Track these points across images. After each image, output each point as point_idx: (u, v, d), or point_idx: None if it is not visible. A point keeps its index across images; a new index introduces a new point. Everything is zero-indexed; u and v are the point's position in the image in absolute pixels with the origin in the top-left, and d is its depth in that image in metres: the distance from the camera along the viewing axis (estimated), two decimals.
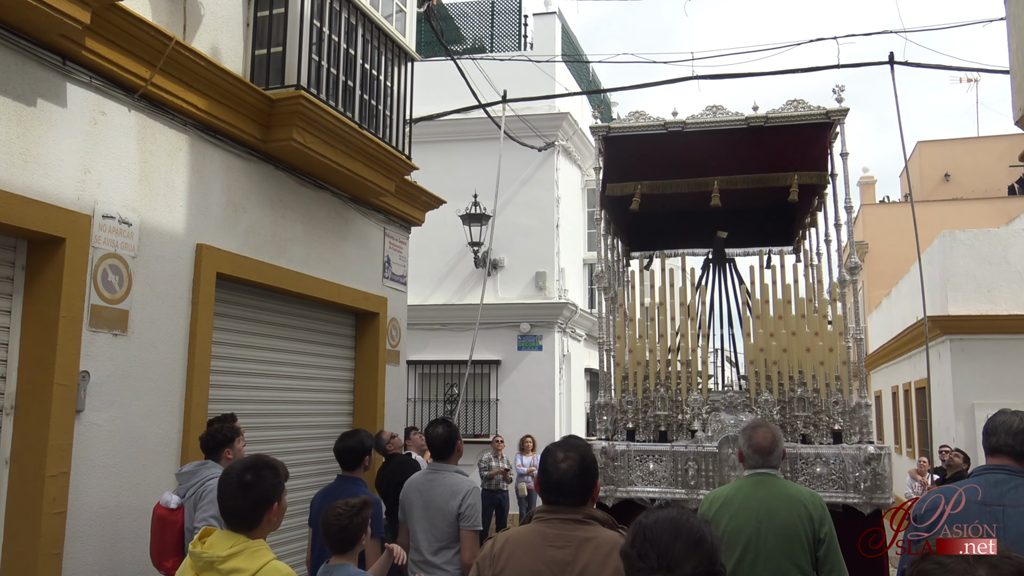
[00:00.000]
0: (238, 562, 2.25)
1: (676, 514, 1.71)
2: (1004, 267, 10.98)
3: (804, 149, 5.57)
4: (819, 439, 5.15)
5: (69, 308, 4.06)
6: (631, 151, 5.87)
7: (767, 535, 3.16)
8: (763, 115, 5.62)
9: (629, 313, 5.77)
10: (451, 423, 4.42)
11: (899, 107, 10.98)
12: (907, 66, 8.49)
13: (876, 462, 4.89)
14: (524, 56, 12.29)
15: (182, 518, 4.07)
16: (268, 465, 2.41)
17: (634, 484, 5.26)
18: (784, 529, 3.16)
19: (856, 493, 4.87)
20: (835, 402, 5.20)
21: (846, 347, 5.44)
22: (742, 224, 6.92)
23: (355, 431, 4.71)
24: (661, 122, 5.75)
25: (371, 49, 6.37)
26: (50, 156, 4.05)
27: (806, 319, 5.48)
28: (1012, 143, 21.14)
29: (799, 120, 5.57)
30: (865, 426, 5.16)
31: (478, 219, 12.25)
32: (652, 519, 1.69)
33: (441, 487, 4.14)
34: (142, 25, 4.36)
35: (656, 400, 5.48)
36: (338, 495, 4.22)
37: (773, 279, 5.77)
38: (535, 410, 12.39)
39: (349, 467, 4.54)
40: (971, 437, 10.55)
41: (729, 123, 5.67)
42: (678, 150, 5.76)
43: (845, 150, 5.56)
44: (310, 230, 6.27)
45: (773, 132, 5.61)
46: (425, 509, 4.14)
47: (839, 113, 5.51)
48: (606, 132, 5.92)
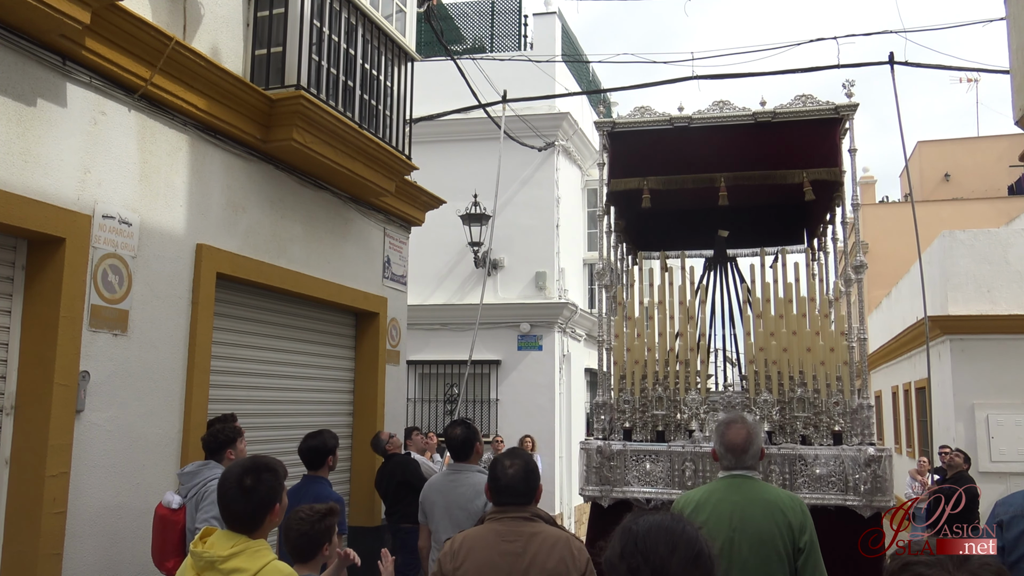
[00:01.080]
0: (239, 562, 2.25)
1: (670, 521, 1.56)
2: (1004, 267, 10.98)
3: (813, 145, 5.44)
4: (819, 440, 5.09)
5: (69, 308, 4.06)
6: (636, 147, 5.77)
7: (741, 545, 2.91)
8: (771, 110, 5.48)
9: (628, 311, 5.71)
10: (470, 424, 4.49)
11: (899, 107, 10.99)
12: (907, 66, 8.49)
13: (876, 464, 4.82)
14: (524, 56, 12.28)
15: (184, 518, 4.08)
16: (267, 467, 2.41)
17: (630, 484, 5.19)
18: (759, 538, 2.90)
19: (856, 495, 4.81)
20: (836, 403, 5.13)
21: (848, 347, 5.36)
22: (748, 223, 6.80)
23: (319, 431, 4.69)
24: (667, 117, 5.64)
25: (371, 49, 6.37)
26: (50, 156, 4.05)
27: (807, 318, 5.39)
28: (1012, 143, 21.14)
29: (808, 116, 5.44)
30: (866, 428, 5.08)
31: (478, 219, 12.25)
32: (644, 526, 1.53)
33: (464, 487, 4.22)
34: (142, 25, 4.36)
35: (653, 400, 5.42)
36: (303, 495, 4.24)
37: (775, 277, 5.67)
38: (535, 410, 12.39)
39: (313, 467, 4.54)
40: (971, 437, 10.55)
41: (736, 119, 5.54)
42: (684, 146, 5.65)
43: (854, 146, 5.44)
44: (310, 230, 6.27)
45: (781, 128, 5.49)
46: (447, 509, 4.19)
47: (848, 108, 5.38)
48: (611, 128, 5.84)
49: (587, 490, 5.27)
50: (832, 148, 5.44)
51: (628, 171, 5.77)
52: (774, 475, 4.92)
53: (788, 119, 5.47)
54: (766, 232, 6.91)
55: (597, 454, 5.23)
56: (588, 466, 5.27)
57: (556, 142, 13.01)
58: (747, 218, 6.75)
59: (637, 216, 6.49)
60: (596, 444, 5.27)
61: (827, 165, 5.38)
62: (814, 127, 5.45)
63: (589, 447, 5.29)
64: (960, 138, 25.41)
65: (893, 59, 8.12)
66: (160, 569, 4.17)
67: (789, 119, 5.47)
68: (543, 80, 12.11)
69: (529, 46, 13.61)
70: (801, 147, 5.44)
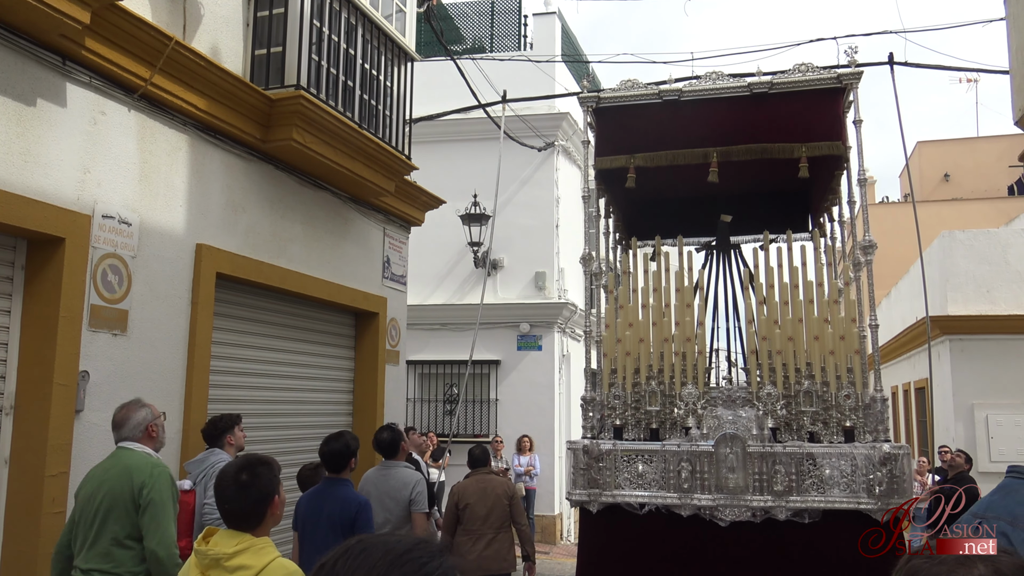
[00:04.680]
0: (244, 559, 2.26)
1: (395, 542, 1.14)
2: (1004, 267, 10.98)
3: (814, 118, 5.01)
4: (828, 437, 4.71)
5: (69, 308, 4.06)
6: (623, 122, 5.39)
7: (97, 503, 3.35)
8: (767, 81, 5.09)
9: (621, 300, 5.30)
10: (395, 428, 5.34)
11: (899, 107, 10.99)
12: (907, 66, 8.49)
13: (893, 463, 4.40)
14: (524, 56, 12.28)
15: (194, 500, 4.23)
16: (261, 462, 2.42)
17: (621, 487, 4.78)
18: (112, 497, 3.34)
19: (870, 497, 4.43)
20: (847, 396, 4.70)
21: (859, 335, 4.89)
22: (751, 210, 6.37)
23: (339, 433, 4.60)
24: (655, 90, 5.27)
25: (371, 49, 6.37)
26: (50, 156, 4.05)
27: (815, 304, 4.94)
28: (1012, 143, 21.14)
29: (808, 86, 5.01)
30: (881, 423, 4.65)
31: (478, 219, 12.25)
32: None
33: (394, 480, 5.03)
34: (142, 25, 4.36)
35: (647, 395, 4.99)
36: (326, 498, 4.26)
37: (779, 261, 5.23)
38: (535, 410, 12.39)
39: (335, 470, 4.47)
40: (970, 437, 10.56)
41: (730, 90, 5.13)
42: (674, 121, 5.25)
43: (859, 117, 5.02)
44: (310, 230, 6.27)
45: (779, 100, 5.07)
46: (380, 498, 4.91)
47: (852, 76, 4.94)
48: (595, 103, 5.43)
49: (574, 494, 4.87)
50: (835, 120, 5.03)
51: (615, 149, 5.37)
52: (779, 475, 4.58)
53: (786, 89, 5.07)
54: (769, 218, 6.36)
55: (584, 454, 4.83)
56: (575, 468, 4.87)
57: (556, 142, 13.01)
58: (749, 204, 6.39)
59: (633, 203, 6.14)
60: (583, 443, 4.89)
61: (829, 139, 4.97)
62: (815, 98, 5.04)
63: (575, 447, 4.90)
64: (960, 138, 25.42)
65: (893, 59, 8.12)
66: None
67: (787, 89, 5.06)
68: (543, 80, 12.11)
69: (529, 46, 13.61)
70: (801, 120, 5.04)
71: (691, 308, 5.27)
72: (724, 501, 4.67)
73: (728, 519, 4.68)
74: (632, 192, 5.54)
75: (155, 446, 3.60)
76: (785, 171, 5.37)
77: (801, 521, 4.59)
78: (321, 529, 4.20)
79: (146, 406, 3.62)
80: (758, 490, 4.63)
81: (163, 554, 3.31)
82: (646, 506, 4.78)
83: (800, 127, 5.02)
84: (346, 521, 4.16)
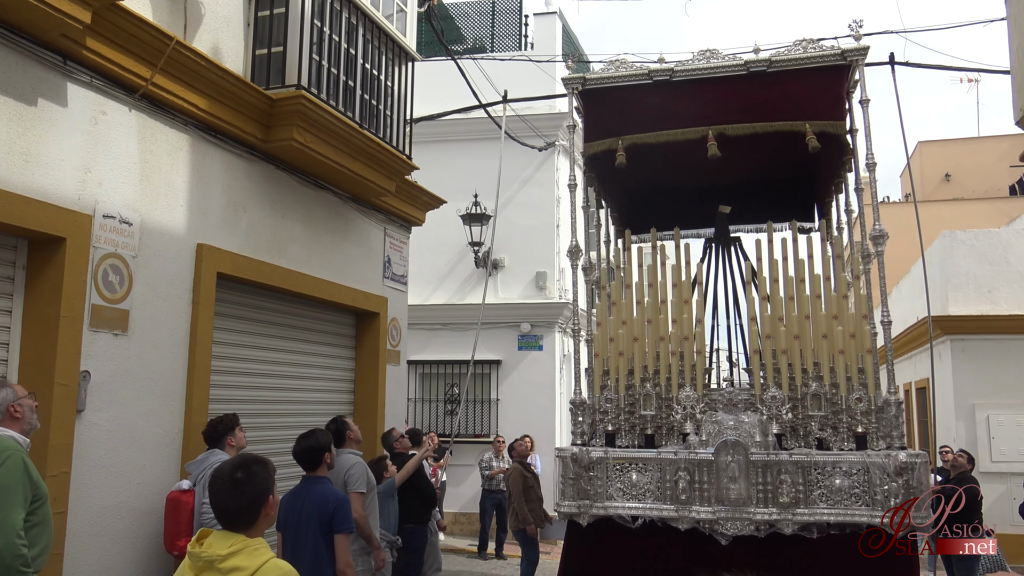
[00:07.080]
0: (238, 560, 2.25)
1: None
2: (1005, 267, 10.98)
3: (817, 98, 4.66)
4: (838, 444, 4.39)
5: (70, 308, 4.06)
6: (613, 106, 5.06)
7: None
8: (766, 59, 4.73)
9: (613, 296, 4.97)
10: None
11: (900, 107, 10.99)
12: (907, 66, 8.49)
13: (910, 473, 4.04)
14: (524, 56, 12.29)
15: (193, 500, 4.28)
16: (257, 461, 2.41)
17: (613, 499, 4.44)
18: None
19: (884, 511, 4.11)
20: (858, 399, 4.38)
21: (871, 333, 4.52)
22: (752, 200, 6.03)
23: (310, 431, 4.50)
24: (645, 71, 4.93)
25: (372, 49, 6.37)
26: (51, 156, 4.05)
27: (823, 300, 4.62)
28: (1013, 143, 21.12)
29: (810, 63, 4.66)
30: (895, 428, 4.29)
31: (478, 219, 12.26)
32: None
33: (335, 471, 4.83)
34: (143, 25, 4.36)
35: (641, 398, 4.65)
36: (305, 496, 4.25)
37: (784, 254, 4.89)
38: (536, 410, 12.40)
39: (311, 467, 4.38)
40: (971, 437, 10.56)
41: (725, 69, 4.78)
42: (666, 103, 4.92)
43: (866, 96, 4.66)
44: (310, 230, 6.27)
45: (779, 79, 4.73)
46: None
47: (857, 53, 4.61)
48: (581, 85, 5.10)
49: (563, 506, 4.52)
50: (838, 100, 4.71)
51: (605, 133, 5.02)
52: (785, 486, 4.27)
53: (786, 67, 4.70)
54: (771, 210, 6.04)
55: (573, 463, 4.49)
56: (564, 477, 4.52)
57: (556, 142, 13.01)
58: (750, 195, 6.09)
59: (628, 194, 5.88)
60: (572, 451, 4.54)
61: (831, 118, 4.64)
62: (818, 76, 4.68)
63: (564, 455, 4.57)
64: (961, 138, 25.38)
65: (893, 59, 8.12)
66: (171, 551, 4.32)
67: (788, 67, 4.70)
68: (543, 80, 12.11)
69: (529, 46, 13.62)
70: (802, 101, 4.69)
71: (689, 305, 4.93)
72: (725, 514, 4.35)
73: (729, 533, 4.37)
74: (627, 183, 5.24)
75: (21, 428, 3.34)
76: (787, 157, 5.06)
77: (809, 536, 4.29)
78: (303, 528, 4.19)
79: (9, 386, 3.39)
80: (762, 502, 4.32)
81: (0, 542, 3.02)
82: (640, 519, 4.48)
83: (801, 107, 4.70)
84: (325, 518, 4.15)
